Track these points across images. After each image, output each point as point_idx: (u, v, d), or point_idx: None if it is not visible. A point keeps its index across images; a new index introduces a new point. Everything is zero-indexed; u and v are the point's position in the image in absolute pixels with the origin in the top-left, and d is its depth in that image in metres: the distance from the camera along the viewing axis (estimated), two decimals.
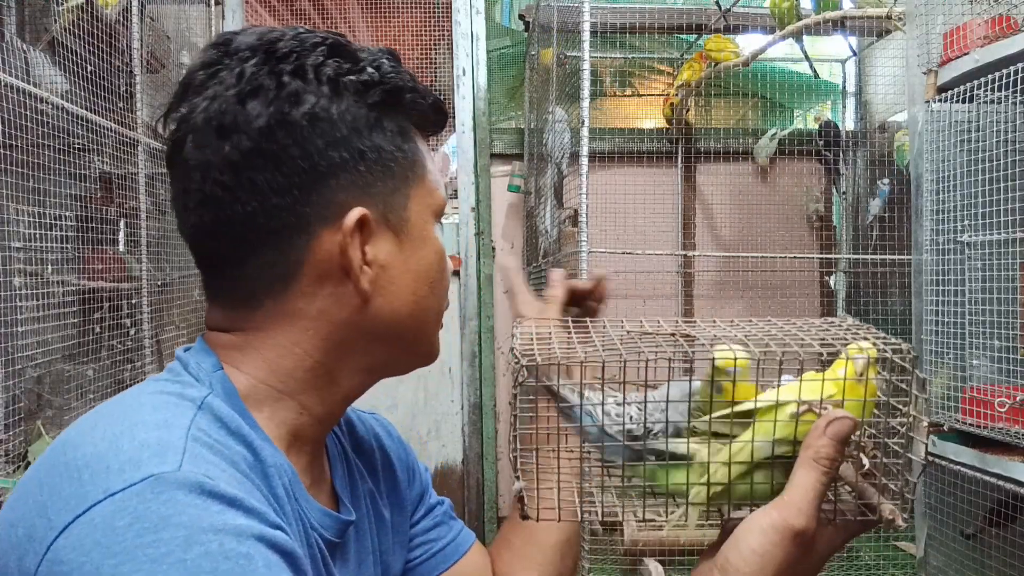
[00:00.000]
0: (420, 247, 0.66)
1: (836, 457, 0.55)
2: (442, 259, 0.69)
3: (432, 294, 0.68)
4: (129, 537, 0.46)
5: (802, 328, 0.65)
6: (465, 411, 3.57)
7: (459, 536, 0.87)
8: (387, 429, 0.87)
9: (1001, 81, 1.55)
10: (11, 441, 1.71)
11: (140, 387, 0.61)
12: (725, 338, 0.62)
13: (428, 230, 0.67)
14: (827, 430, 0.55)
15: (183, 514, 0.47)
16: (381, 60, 0.65)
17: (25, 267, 1.84)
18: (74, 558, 0.46)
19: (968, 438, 1.67)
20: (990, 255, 1.71)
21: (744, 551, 0.54)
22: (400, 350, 0.68)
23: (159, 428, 0.53)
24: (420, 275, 0.66)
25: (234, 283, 0.63)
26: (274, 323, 0.63)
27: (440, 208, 0.69)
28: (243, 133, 0.58)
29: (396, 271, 0.64)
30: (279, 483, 0.59)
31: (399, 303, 0.65)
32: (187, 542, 0.46)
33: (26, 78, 1.84)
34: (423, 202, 0.67)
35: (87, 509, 0.47)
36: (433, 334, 0.70)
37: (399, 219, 0.64)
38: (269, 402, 0.63)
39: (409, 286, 0.65)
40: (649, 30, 3.40)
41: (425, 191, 0.67)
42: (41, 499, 0.50)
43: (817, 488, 0.54)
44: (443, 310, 0.71)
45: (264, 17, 3.63)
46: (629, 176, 3.52)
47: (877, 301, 3.21)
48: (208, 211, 0.60)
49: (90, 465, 0.50)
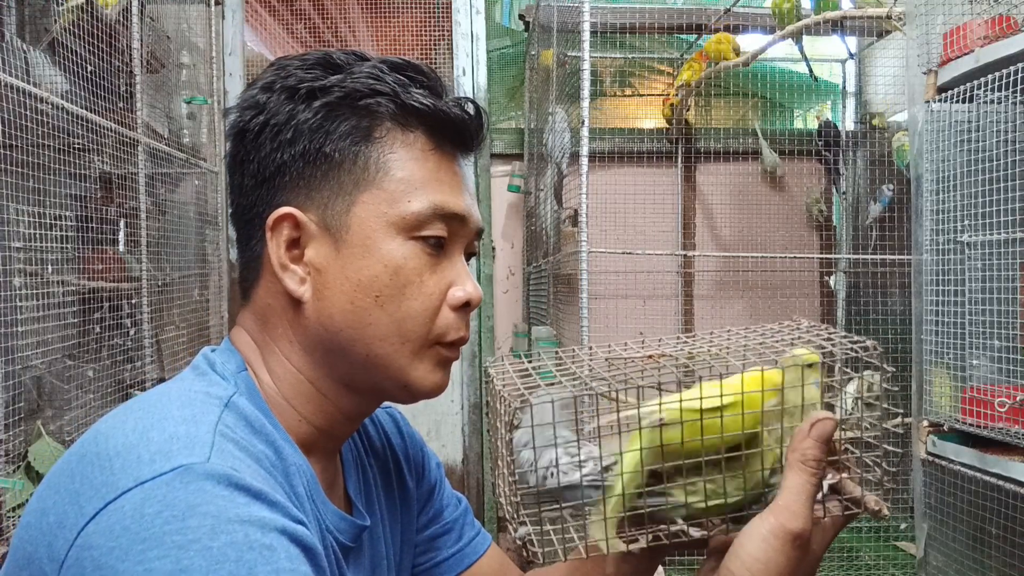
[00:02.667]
0: (362, 255, 0.62)
1: (822, 458, 0.56)
2: (397, 275, 0.63)
3: (379, 309, 0.63)
4: (157, 524, 0.47)
5: (765, 335, 0.66)
6: (465, 411, 3.57)
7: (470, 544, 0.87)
8: (397, 425, 0.87)
9: (1001, 81, 1.55)
10: (11, 441, 1.71)
11: (168, 384, 0.63)
12: (668, 355, 0.63)
13: (376, 239, 0.62)
14: (811, 432, 0.56)
15: (210, 504, 0.49)
16: (362, 66, 0.64)
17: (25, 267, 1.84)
18: (103, 543, 0.47)
19: (968, 438, 1.67)
20: (990, 255, 1.71)
21: (746, 560, 0.54)
22: (363, 370, 0.65)
23: (187, 423, 0.54)
24: (361, 285, 0.62)
25: (241, 276, 0.68)
26: (262, 324, 0.66)
27: (407, 222, 0.63)
28: (228, 140, 0.67)
29: (331, 276, 0.63)
30: (300, 482, 0.61)
31: (334, 310, 0.63)
32: (213, 531, 0.48)
33: (26, 78, 1.84)
34: (374, 209, 0.63)
35: (117, 496, 0.49)
36: (400, 360, 0.64)
37: (338, 223, 0.63)
38: (281, 406, 0.65)
39: (345, 294, 0.63)
40: (649, 30, 3.41)
41: (381, 199, 0.63)
42: (72, 487, 0.51)
43: (808, 490, 0.56)
44: (411, 334, 0.64)
45: (264, 17, 3.63)
46: (629, 176, 3.52)
47: (877, 301, 3.20)
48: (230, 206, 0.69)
49: (121, 455, 0.51)
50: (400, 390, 0.66)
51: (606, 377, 0.61)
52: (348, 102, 0.63)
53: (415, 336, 0.64)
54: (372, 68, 0.64)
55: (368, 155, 0.63)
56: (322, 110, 0.63)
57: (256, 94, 0.65)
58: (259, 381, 0.65)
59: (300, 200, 0.63)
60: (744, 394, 0.58)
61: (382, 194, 0.63)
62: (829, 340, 0.62)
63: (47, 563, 0.49)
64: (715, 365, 0.60)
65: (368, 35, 3.63)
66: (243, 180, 0.66)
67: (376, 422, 0.83)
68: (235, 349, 0.67)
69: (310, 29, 3.67)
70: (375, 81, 0.63)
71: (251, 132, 0.64)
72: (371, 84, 0.63)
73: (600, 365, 0.65)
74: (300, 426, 0.65)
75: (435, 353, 0.66)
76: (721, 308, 3.59)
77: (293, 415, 0.65)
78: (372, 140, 0.64)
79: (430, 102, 0.64)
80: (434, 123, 0.65)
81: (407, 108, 0.64)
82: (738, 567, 0.54)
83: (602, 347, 0.70)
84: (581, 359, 0.68)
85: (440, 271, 0.65)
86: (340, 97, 0.63)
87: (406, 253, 0.63)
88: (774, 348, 0.62)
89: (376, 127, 0.64)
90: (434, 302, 0.65)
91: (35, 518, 0.52)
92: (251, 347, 0.66)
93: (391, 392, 0.67)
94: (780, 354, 0.60)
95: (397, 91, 0.64)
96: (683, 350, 0.65)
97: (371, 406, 0.70)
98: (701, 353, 0.62)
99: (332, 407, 0.66)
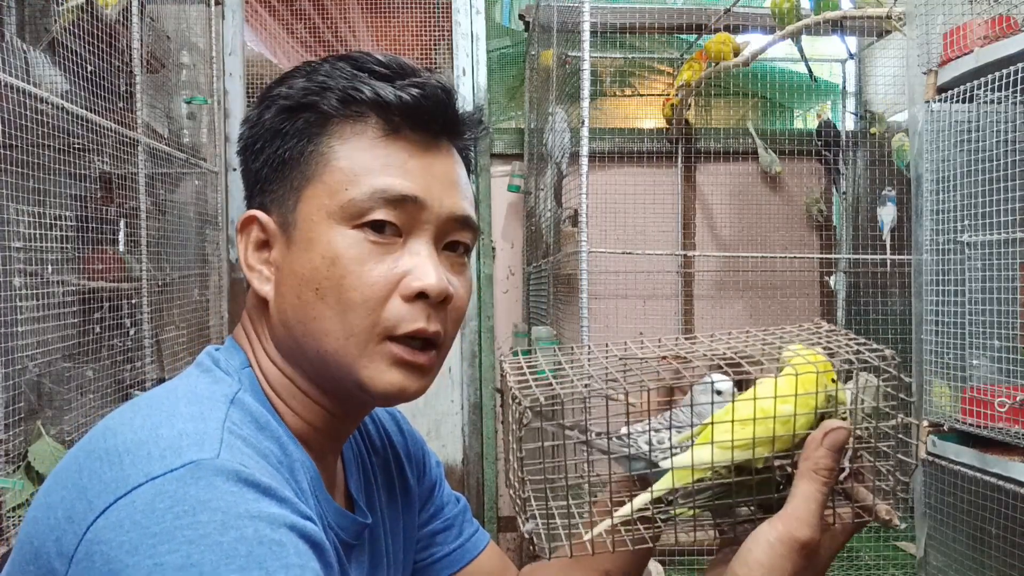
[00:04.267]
0: (306, 249, 0.62)
1: (834, 467, 0.56)
2: (334, 265, 0.60)
3: (321, 302, 0.61)
4: (168, 518, 0.47)
5: (781, 337, 0.66)
6: (465, 411, 3.57)
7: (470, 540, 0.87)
8: (398, 424, 0.87)
9: (1001, 81, 1.55)
10: (11, 441, 1.71)
11: (174, 381, 0.63)
12: (705, 355, 0.63)
13: (317, 231, 0.61)
14: (824, 441, 0.56)
15: (221, 499, 0.49)
16: (323, 66, 0.65)
17: (25, 267, 1.84)
18: (113, 537, 0.47)
19: (968, 438, 1.67)
20: (990, 255, 1.71)
21: (752, 565, 0.54)
22: (320, 368, 0.63)
23: (196, 419, 0.55)
24: (304, 279, 0.61)
25: (245, 279, 0.70)
26: (251, 324, 0.68)
27: (346, 211, 0.61)
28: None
29: (284, 273, 0.64)
30: (304, 479, 0.61)
31: (287, 306, 0.63)
32: (223, 526, 0.48)
33: (26, 78, 1.84)
34: (316, 203, 0.62)
35: (128, 492, 0.49)
36: (348, 357, 0.61)
37: (288, 220, 0.64)
38: (279, 403, 0.66)
39: (293, 289, 0.62)
40: (649, 30, 3.40)
41: (322, 191, 0.62)
42: (81, 482, 0.51)
43: (818, 499, 0.55)
44: (354, 328, 0.61)
45: (264, 17, 3.63)
46: (629, 176, 3.52)
47: (877, 301, 3.20)
48: None
49: (131, 451, 0.52)
50: (357, 390, 0.63)
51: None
52: (301, 103, 0.64)
53: (359, 329, 0.61)
54: (331, 66, 0.65)
55: (312, 150, 0.63)
56: (281, 114, 0.64)
57: (251, 110, 0.68)
58: (259, 378, 0.66)
59: (267, 203, 0.65)
60: (806, 395, 0.57)
61: (323, 186, 0.62)
62: (847, 346, 0.61)
63: (56, 558, 0.49)
64: (766, 364, 0.59)
65: (368, 35, 3.63)
66: (246, 191, 0.69)
67: (376, 420, 0.84)
68: (238, 346, 0.68)
69: (310, 29, 3.67)
70: (327, 78, 0.64)
71: (246, 147, 0.68)
72: (323, 81, 0.63)
73: (653, 362, 0.64)
74: (299, 423, 0.66)
75: (387, 350, 0.61)
76: (721, 308, 3.59)
77: (288, 412, 0.66)
78: (320, 135, 0.63)
79: (370, 89, 0.62)
80: (384, 110, 0.63)
81: (349, 99, 0.63)
82: (744, 572, 0.55)
83: (637, 343, 0.70)
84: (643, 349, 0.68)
85: (390, 260, 0.61)
86: (297, 99, 0.64)
87: (347, 243, 0.61)
88: (820, 346, 0.61)
89: (327, 122, 0.63)
90: (378, 292, 0.61)
91: (42, 513, 0.52)
92: (248, 345, 0.68)
93: (352, 393, 0.64)
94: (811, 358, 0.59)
95: (344, 85, 0.63)
96: (719, 348, 0.64)
97: (353, 406, 0.68)
98: (745, 352, 0.62)
99: (317, 406, 0.66)
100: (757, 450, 0.57)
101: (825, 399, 0.59)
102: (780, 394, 0.57)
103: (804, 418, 0.58)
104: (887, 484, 0.59)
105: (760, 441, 0.57)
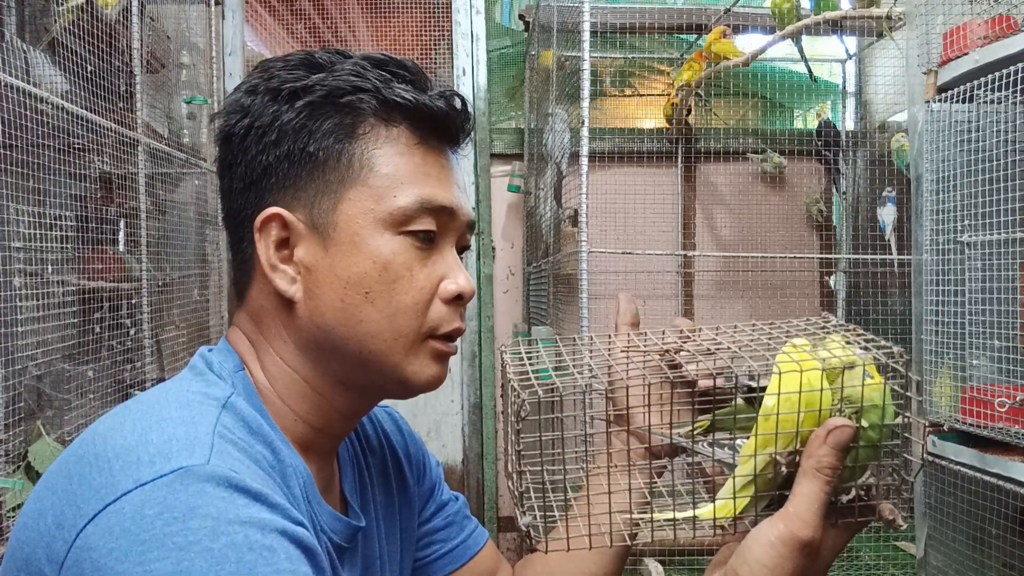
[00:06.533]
0: (350, 252, 0.62)
1: (838, 466, 0.55)
2: (386, 270, 0.63)
3: (370, 305, 0.63)
4: (158, 525, 0.47)
5: (789, 332, 0.65)
6: (465, 411, 3.57)
7: (471, 537, 0.88)
8: (397, 424, 0.87)
9: (1001, 81, 1.55)
10: (11, 441, 1.71)
11: (166, 385, 0.63)
12: (718, 348, 0.62)
13: (364, 236, 0.63)
14: (828, 439, 0.55)
15: (211, 505, 0.49)
16: (344, 64, 0.64)
17: (25, 267, 1.84)
18: (103, 544, 0.47)
19: (968, 438, 1.67)
20: (990, 255, 1.70)
21: (753, 564, 0.54)
22: (358, 367, 0.65)
23: (186, 424, 0.54)
24: (350, 282, 0.62)
25: (235, 278, 0.69)
26: (256, 325, 0.66)
27: (395, 217, 0.63)
28: (215, 145, 0.67)
29: (321, 275, 0.63)
30: (296, 484, 0.61)
31: (326, 308, 0.63)
32: (214, 532, 0.48)
33: (26, 78, 1.84)
34: (360, 206, 0.63)
35: (117, 498, 0.49)
36: (394, 356, 0.64)
37: (325, 221, 0.63)
38: (277, 406, 0.65)
39: (336, 292, 0.63)
40: (649, 30, 3.40)
41: (367, 195, 0.63)
42: (70, 489, 0.51)
43: (821, 498, 0.54)
44: (403, 329, 0.64)
45: (264, 17, 3.63)
46: (629, 176, 3.52)
47: (877, 301, 3.20)
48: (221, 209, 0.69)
49: (120, 456, 0.51)
50: (396, 385, 0.66)
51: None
52: (330, 100, 0.63)
53: (408, 331, 0.64)
54: (354, 65, 0.64)
55: (352, 152, 0.63)
56: (305, 109, 0.63)
57: (240, 97, 0.65)
58: (256, 381, 0.65)
59: (287, 200, 0.64)
60: (844, 387, 0.57)
61: (368, 190, 0.63)
62: (855, 342, 0.60)
63: (46, 564, 0.49)
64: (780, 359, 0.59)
65: (368, 35, 3.63)
66: (232, 184, 0.66)
67: (374, 420, 0.84)
68: (232, 349, 0.67)
69: (310, 29, 3.67)
70: (357, 78, 0.63)
71: (237, 136, 0.65)
72: (353, 81, 0.63)
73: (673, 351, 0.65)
74: (296, 426, 0.65)
75: (429, 347, 0.66)
76: (721, 308, 3.59)
77: (289, 415, 0.65)
78: (356, 137, 0.63)
79: (412, 96, 0.64)
80: (417, 117, 0.65)
81: (389, 103, 0.64)
82: (744, 571, 0.54)
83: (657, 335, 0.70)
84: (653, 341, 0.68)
85: (430, 265, 0.65)
86: (322, 96, 0.63)
87: (395, 248, 0.63)
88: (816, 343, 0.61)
89: (359, 124, 0.64)
90: (425, 296, 0.65)
91: (32, 519, 0.52)
92: (247, 347, 0.67)
93: (388, 388, 0.67)
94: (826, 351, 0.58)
95: (379, 87, 0.63)
96: (728, 341, 0.64)
97: (368, 404, 0.70)
98: (763, 346, 0.61)
99: (328, 406, 0.66)
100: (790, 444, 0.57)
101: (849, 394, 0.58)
102: (809, 388, 0.56)
103: (837, 411, 0.57)
104: (891, 484, 0.59)
105: (799, 435, 0.57)
